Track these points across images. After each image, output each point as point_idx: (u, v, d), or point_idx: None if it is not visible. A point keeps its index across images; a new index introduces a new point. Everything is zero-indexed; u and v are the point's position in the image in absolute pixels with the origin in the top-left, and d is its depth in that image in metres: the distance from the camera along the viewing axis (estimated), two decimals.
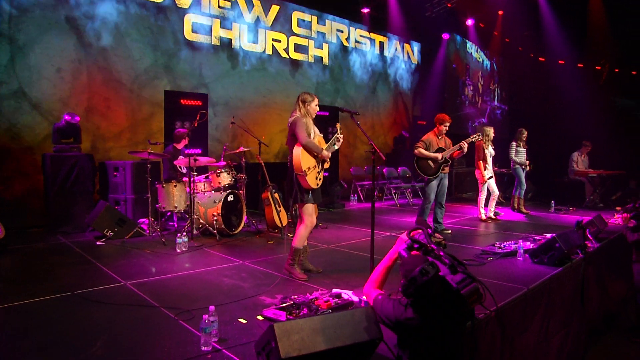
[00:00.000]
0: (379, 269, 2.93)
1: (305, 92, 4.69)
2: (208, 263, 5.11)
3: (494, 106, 17.39)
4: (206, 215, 6.54)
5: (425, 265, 2.37)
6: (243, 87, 9.36)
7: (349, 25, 11.54)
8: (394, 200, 11.02)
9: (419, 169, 7.02)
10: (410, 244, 2.69)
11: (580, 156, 10.39)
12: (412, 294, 2.40)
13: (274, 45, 9.84)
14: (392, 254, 2.89)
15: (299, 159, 4.41)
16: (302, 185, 4.49)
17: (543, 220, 8.56)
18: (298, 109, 4.59)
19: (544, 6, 13.09)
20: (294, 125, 4.47)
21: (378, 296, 2.74)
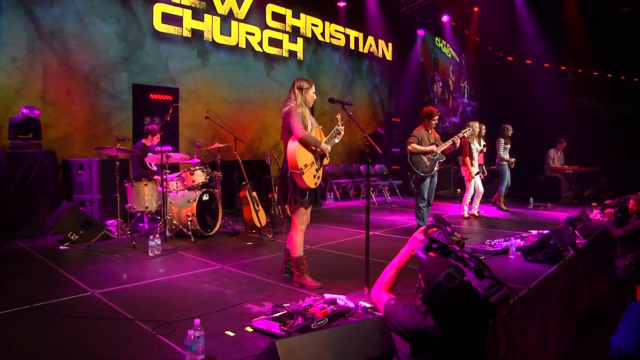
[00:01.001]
0: (388, 271, 2.63)
1: (300, 78, 4.26)
2: (184, 268, 4.71)
3: (464, 103, 17.39)
4: (180, 215, 6.12)
5: (452, 271, 2.08)
6: (216, 82, 8.93)
7: (323, 20, 11.24)
8: (372, 199, 10.80)
9: (413, 165, 6.74)
10: (429, 243, 2.40)
11: (557, 153, 10.43)
12: (435, 301, 2.12)
13: (248, 38, 9.44)
14: (404, 254, 2.60)
15: (294, 154, 3.94)
16: (297, 185, 4.04)
17: (525, 217, 8.49)
18: (293, 97, 4.13)
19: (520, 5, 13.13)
20: (289, 115, 4.02)
21: (390, 301, 2.44)
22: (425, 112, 6.92)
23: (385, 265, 3.59)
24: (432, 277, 2.13)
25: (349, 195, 11.30)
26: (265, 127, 9.95)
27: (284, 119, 4.08)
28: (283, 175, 4.14)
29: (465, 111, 17.62)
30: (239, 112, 9.35)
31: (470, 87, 17.58)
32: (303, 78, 4.25)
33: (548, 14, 13.50)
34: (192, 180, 6.41)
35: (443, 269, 2.13)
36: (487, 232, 6.92)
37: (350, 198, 11.24)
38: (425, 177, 6.70)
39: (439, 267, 2.16)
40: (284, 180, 4.13)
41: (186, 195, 6.23)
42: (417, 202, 6.86)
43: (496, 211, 9.11)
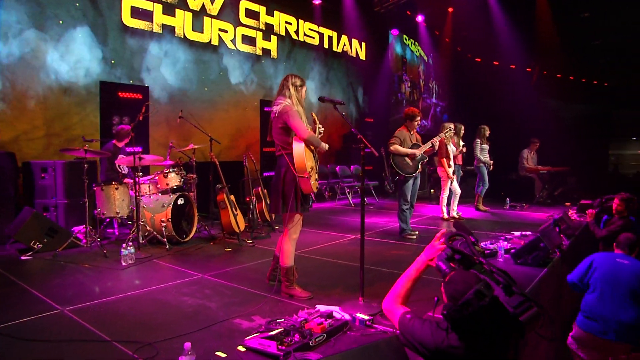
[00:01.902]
0: (402, 282, 2.42)
1: (293, 74, 3.99)
2: (162, 278, 4.39)
3: (433, 103, 17.33)
4: (153, 221, 5.77)
5: (481, 287, 1.90)
6: (188, 80, 8.55)
7: (297, 18, 11.00)
8: (348, 200, 10.64)
9: (396, 167, 6.60)
10: (451, 254, 2.20)
11: (530, 153, 10.53)
12: (462, 319, 1.93)
13: (221, 35, 9.09)
14: (420, 264, 2.40)
15: (302, 157, 3.66)
16: (301, 190, 3.77)
17: (503, 217, 8.49)
18: (288, 94, 3.85)
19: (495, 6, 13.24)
20: (287, 115, 3.73)
21: (406, 315, 2.24)
22: (407, 113, 6.80)
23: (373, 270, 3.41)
24: (459, 293, 1.95)
25: (324, 197, 11.10)
26: (239, 127, 9.63)
27: (279, 119, 3.79)
28: (282, 180, 3.81)
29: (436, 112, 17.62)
30: (212, 111, 9.00)
31: (439, 87, 17.59)
32: (295, 74, 3.99)
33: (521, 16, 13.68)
34: (166, 183, 6.06)
35: (471, 285, 1.95)
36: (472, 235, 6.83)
37: (325, 199, 11.05)
38: (409, 178, 6.57)
39: (467, 282, 1.97)
40: (282, 185, 3.81)
41: (160, 200, 5.88)
42: (400, 205, 6.72)
43: (474, 212, 9.10)
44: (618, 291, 3.50)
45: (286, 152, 3.79)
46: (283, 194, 3.80)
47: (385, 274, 4.69)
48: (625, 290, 3.46)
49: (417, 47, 15.74)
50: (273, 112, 3.86)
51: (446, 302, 2.09)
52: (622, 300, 3.42)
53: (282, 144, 3.82)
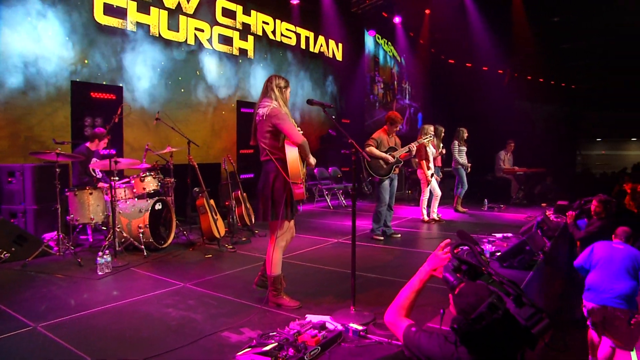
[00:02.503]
0: (406, 294, 2.33)
1: (277, 75, 3.83)
2: (142, 288, 4.19)
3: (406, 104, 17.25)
4: (130, 227, 5.53)
5: (494, 300, 1.83)
6: (163, 81, 8.28)
7: (274, 18, 10.83)
8: (327, 202, 10.54)
9: (370, 169, 6.58)
10: (458, 264, 2.12)
11: (506, 155, 10.65)
12: (474, 333, 1.86)
13: (197, 35, 8.86)
14: (424, 274, 2.32)
15: (297, 162, 3.52)
16: (294, 196, 3.63)
17: (482, 219, 8.55)
18: (274, 96, 3.69)
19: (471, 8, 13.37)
20: (276, 118, 3.56)
21: (411, 328, 2.15)
22: (389, 117, 6.78)
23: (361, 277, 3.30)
24: (471, 307, 1.87)
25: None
26: (215, 129, 9.41)
27: (266, 122, 3.61)
28: (271, 186, 3.65)
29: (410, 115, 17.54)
30: (188, 112, 8.76)
31: (412, 87, 17.59)
32: (279, 75, 3.85)
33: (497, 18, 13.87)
34: (143, 187, 5.83)
35: (483, 297, 1.88)
36: (453, 237, 6.79)
37: (303, 202, 10.92)
38: (384, 179, 6.55)
39: (479, 294, 1.90)
40: (272, 193, 3.65)
41: (137, 205, 5.64)
42: (377, 206, 6.73)
43: (453, 213, 9.14)
44: (613, 268, 4.07)
45: (275, 157, 3.63)
46: (273, 201, 3.65)
47: (372, 279, 4.62)
48: (618, 267, 4.05)
49: (390, 46, 15.65)
50: (259, 114, 3.68)
51: (455, 314, 2.01)
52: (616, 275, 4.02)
53: (270, 149, 3.66)
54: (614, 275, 4.01)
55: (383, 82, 15.34)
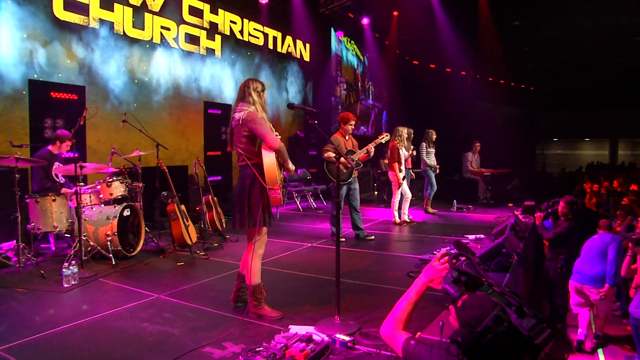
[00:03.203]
0: (402, 306, 2.26)
1: (253, 79, 3.74)
2: (113, 301, 3.97)
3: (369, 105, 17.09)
4: (97, 235, 5.27)
5: (499, 312, 1.80)
6: (128, 80, 7.96)
7: (242, 17, 10.63)
8: (296, 204, 10.43)
9: (330, 174, 6.51)
10: (457, 276, 2.07)
11: (473, 155, 10.82)
12: (479, 346, 1.81)
13: (163, 33, 8.56)
14: (420, 286, 2.25)
15: (274, 168, 3.44)
16: (271, 203, 3.55)
17: (452, 220, 8.65)
18: (251, 100, 3.59)
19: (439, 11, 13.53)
20: (253, 123, 3.47)
21: (410, 341, 2.08)
22: (341, 117, 6.76)
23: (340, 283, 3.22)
24: (476, 320, 1.83)
25: None
26: (183, 132, 9.14)
27: (243, 126, 3.52)
28: (248, 192, 3.56)
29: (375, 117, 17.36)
30: (154, 113, 8.45)
31: (375, 87, 17.35)
32: (256, 79, 3.76)
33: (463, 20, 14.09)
34: (110, 193, 5.57)
35: (487, 310, 1.84)
36: (426, 239, 6.87)
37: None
38: (342, 185, 6.50)
39: (483, 307, 1.86)
40: (249, 199, 3.55)
41: (104, 211, 5.38)
42: (333, 210, 6.68)
43: (423, 214, 9.21)
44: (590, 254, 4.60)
45: (251, 162, 3.55)
46: (249, 208, 3.55)
47: (352, 286, 4.56)
48: (594, 253, 4.54)
49: (353, 45, 15.37)
50: (235, 119, 3.59)
51: (457, 327, 1.97)
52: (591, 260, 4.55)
53: (246, 154, 3.57)
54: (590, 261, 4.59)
55: (346, 83, 15.11)
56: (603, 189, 9.95)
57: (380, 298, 4.21)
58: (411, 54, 17.53)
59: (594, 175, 15.24)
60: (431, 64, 18.43)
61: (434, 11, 13.49)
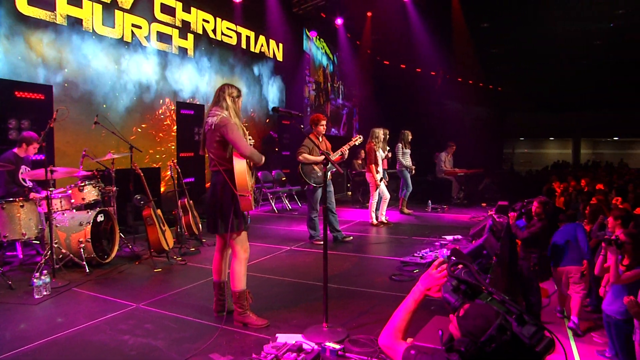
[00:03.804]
0: (401, 316, 2.22)
1: (229, 84, 3.71)
2: (89, 312, 3.80)
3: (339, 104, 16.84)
4: (69, 242, 5.05)
5: (502, 321, 1.78)
6: (97, 80, 7.67)
7: (215, 16, 10.43)
8: (271, 206, 10.32)
9: (305, 176, 6.46)
10: (457, 284, 2.04)
11: (447, 156, 10.94)
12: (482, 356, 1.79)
13: (134, 31, 8.31)
14: (418, 294, 2.21)
15: (244, 175, 3.42)
16: (241, 209, 3.51)
17: (428, 221, 8.71)
18: (225, 105, 3.57)
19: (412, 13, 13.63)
20: (225, 128, 3.45)
21: (410, 351, 2.04)
22: (311, 119, 6.73)
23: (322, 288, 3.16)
24: (479, 330, 1.80)
25: None
26: (155, 131, 8.90)
27: (214, 132, 3.51)
28: (219, 198, 3.54)
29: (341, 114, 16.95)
30: (125, 114, 8.20)
31: (345, 87, 17.09)
32: (232, 85, 3.73)
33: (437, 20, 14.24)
34: (82, 197, 5.36)
35: (491, 319, 1.82)
36: (405, 241, 6.88)
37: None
38: (318, 187, 6.46)
39: (486, 316, 1.84)
40: (221, 205, 3.53)
41: (76, 217, 5.16)
42: (310, 214, 6.69)
43: (399, 215, 9.25)
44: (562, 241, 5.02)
45: (223, 168, 3.52)
46: (222, 213, 3.52)
47: (335, 290, 4.47)
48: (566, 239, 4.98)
49: (322, 43, 15.09)
50: (208, 123, 3.56)
51: (459, 336, 1.95)
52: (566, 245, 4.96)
53: (218, 159, 3.54)
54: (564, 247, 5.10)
55: (315, 83, 14.80)
56: (571, 188, 10.23)
57: (364, 303, 4.18)
58: (383, 54, 17.63)
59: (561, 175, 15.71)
60: (402, 64, 18.60)
61: (408, 12, 13.58)
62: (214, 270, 3.81)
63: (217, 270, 3.79)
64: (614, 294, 4.15)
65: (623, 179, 13.38)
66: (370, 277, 5.01)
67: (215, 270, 3.80)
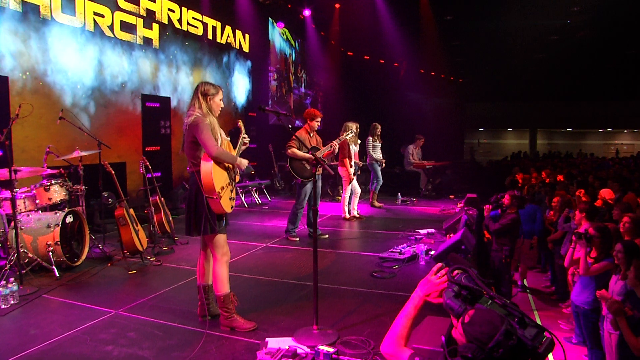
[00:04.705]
0: (402, 322, 2.21)
1: (205, 82, 3.62)
2: (65, 321, 3.61)
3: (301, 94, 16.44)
4: (36, 245, 4.78)
5: (508, 326, 1.81)
6: (57, 71, 7.27)
7: (181, 5, 10.09)
8: (241, 200, 10.16)
9: (294, 171, 6.38)
10: (459, 290, 2.05)
11: (415, 149, 11.05)
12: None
13: (97, 20, 7.91)
14: (418, 300, 2.21)
15: (210, 176, 3.32)
16: (213, 211, 3.42)
17: (399, 214, 8.80)
18: (197, 104, 3.49)
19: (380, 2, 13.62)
20: (195, 128, 3.37)
21: (414, 358, 2.04)
22: (307, 113, 6.66)
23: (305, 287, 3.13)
24: (486, 336, 1.82)
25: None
26: (119, 125, 8.55)
27: (189, 132, 3.44)
28: (193, 200, 3.48)
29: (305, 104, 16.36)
30: (88, 107, 7.82)
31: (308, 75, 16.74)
32: (208, 82, 3.63)
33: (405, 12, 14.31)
34: (48, 198, 5.08)
35: (496, 325, 1.84)
36: (380, 235, 6.93)
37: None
38: (307, 182, 6.41)
39: (492, 322, 1.85)
40: (195, 206, 3.48)
41: (43, 219, 4.89)
42: (295, 207, 6.63)
43: (370, 208, 9.28)
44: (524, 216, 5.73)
45: (196, 169, 3.44)
46: (195, 215, 3.47)
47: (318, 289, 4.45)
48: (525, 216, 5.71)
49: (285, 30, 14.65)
50: (184, 124, 3.50)
51: (465, 342, 1.96)
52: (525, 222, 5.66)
53: (192, 160, 3.49)
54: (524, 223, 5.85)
55: (276, 72, 14.35)
56: (534, 180, 10.58)
57: (350, 302, 4.18)
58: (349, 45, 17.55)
59: (522, 166, 16.21)
60: (365, 56, 18.66)
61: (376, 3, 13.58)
62: (198, 273, 3.72)
63: (200, 273, 3.70)
64: (582, 285, 4.36)
65: (578, 168, 14.01)
66: (350, 274, 5.01)
67: (199, 273, 3.71)
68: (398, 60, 19.27)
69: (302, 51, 16.03)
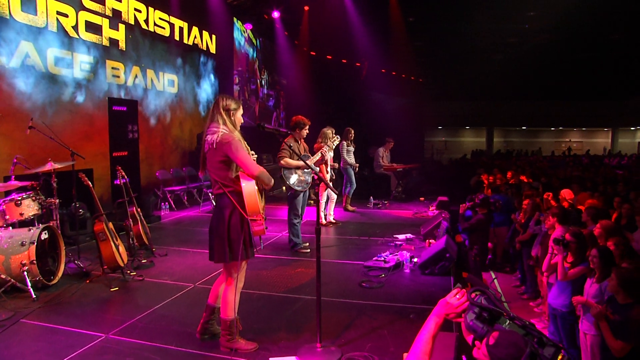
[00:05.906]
0: (424, 338, 2.24)
1: (225, 96, 3.38)
2: (52, 350, 3.40)
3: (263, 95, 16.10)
4: (8, 265, 4.50)
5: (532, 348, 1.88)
6: (18, 74, 6.87)
7: (147, 5, 9.76)
8: (212, 206, 9.96)
9: (287, 180, 6.23)
10: (479, 312, 2.10)
11: (385, 152, 11.16)
12: None
13: (60, 20, 7.53)
14: (439, 318, 2.24)
15: (254, 197, 3.15)
16: (253, 233, 3.28)
17: (373, 218, 8.84)
18: (221, 120, 3.28)
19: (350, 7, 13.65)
20: (228, 146, 3.16)
21: None
22: (295, 121, 6.47)
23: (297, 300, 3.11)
24: (512, 358, 1.88)
25: (184, 204, 10.22)
26: (86, 131, 8.21)
27: (218, 151, 3.21)
28: (227, 224, 3.26)
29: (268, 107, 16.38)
30: (51, 112, 7.44)
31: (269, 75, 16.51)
32: (229, 96, 3.43)
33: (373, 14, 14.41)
34: (20, 213, 4.80)
35: (521, 347, 1.90)
36: (360, 242, 6.93)
37: (186, 206, 10.18)
38: (299, 192, 6.33)
39: (517, 344, 1.92)
40: (228, 230, 3.26)
41: (15, 236, 4.61)
42: (291, 219, 6.46)
43: (343, 213, 9.28)
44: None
45: (228, 190, 3.26)
46: (229, 240, 3.27)
47: (309, 302, 4.37)
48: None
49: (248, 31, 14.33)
50: (208, 142, 3.26)
51: None
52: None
53: (222, 181, 3.28)
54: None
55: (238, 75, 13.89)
56: (499, 180, 10.92)
57: (343, 315, 4.17)
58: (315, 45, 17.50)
59: (482, 164, 16.70)
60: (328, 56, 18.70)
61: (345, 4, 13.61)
62: (212, 293, 3.58)
63: (215, 294, 3.55)
64: (559, 289, 4.57)
65: (537, 166, 14.59)
66: (338, 285, 4.99)
67: (214, 293, 3.57)
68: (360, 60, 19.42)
69: (264, 50, 15.83)
